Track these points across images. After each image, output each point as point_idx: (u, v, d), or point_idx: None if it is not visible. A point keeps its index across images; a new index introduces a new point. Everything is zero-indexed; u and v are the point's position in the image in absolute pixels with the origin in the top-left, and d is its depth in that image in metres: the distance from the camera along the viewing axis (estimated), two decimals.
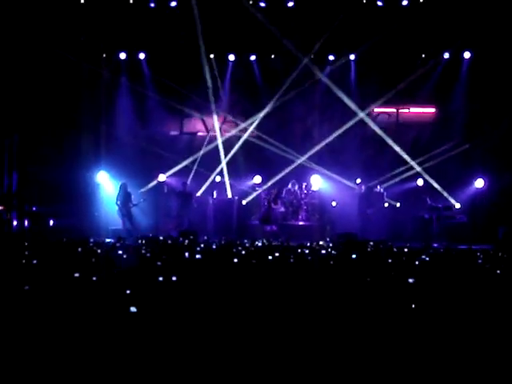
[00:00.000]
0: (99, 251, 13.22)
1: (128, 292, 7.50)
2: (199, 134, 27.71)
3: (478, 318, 6.73)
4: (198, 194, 25.99)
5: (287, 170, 26.04)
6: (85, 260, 11.50)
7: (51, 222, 24.77)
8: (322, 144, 26.10)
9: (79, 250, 13.53)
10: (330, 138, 26.09)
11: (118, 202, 24.13)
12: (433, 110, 26.80)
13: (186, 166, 26.38)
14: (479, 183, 24.97)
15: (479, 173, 25.06)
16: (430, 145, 25.70)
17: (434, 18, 24.22)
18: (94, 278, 8.67)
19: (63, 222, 24.16)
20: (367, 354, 5.79)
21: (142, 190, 25.63)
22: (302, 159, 26.05)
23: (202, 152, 26.57)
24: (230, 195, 26.40)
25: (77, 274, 8.82)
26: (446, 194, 25.03)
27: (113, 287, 7.99)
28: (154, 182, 26.16)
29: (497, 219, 23.89)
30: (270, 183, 25.65)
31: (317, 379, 5.47)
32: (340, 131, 26.13)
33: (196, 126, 27.84)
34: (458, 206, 24.81)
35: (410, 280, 8.53)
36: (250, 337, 6.17)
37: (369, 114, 26.24)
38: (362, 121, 26.18)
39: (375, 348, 5.94)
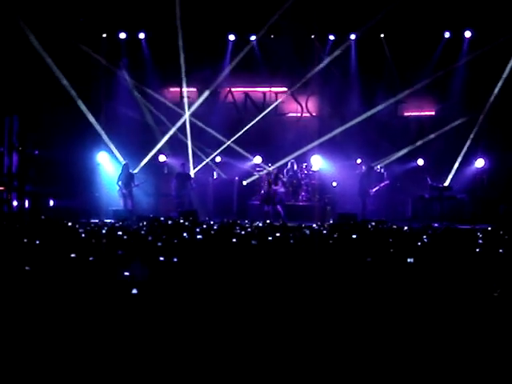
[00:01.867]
0: (101, 232, 13.23)
1: (128, 274, 7.50)
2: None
3: (478, 297, 6.73)
4: (193, 173, 25.87)
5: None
6: (86, 241, 11.51)
7: (51, 203, 24.80)
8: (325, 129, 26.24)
9: (80, 230, 13.55)
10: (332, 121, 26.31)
11: (120, 183, 24.09)
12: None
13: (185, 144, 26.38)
14: (479, 163, 24.92)
15: (479, 152, 24.99)
16: (432, 127, 25.70)
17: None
18: (93, 259, 8.68)
19: (63, 203, 24.18)
20: (369, 338, 5.79)
21: (135, 171, 25.46)
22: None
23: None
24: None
25: (73, 255, 8.82)
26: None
27: (113, 268, 7.99)
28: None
29: (498, 198, 23.92)
30: (273, 166, 25.49)
31: (318, 367, 5.47)
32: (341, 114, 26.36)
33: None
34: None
35: (409, 260, 8.53)
36: (250, 320, 6.17)
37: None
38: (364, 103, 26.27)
39: (376, 331, 5.93)
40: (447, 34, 25.68)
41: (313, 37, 26.31)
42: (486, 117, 25.23)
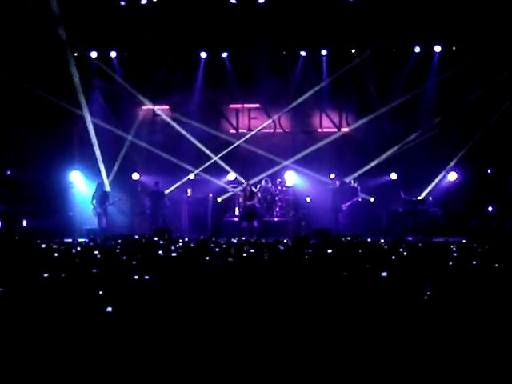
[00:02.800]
0: (73, 251, 13.16)
1: (101, 292, 7.46)
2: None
3: (454, 308, 6.76)
4: (168, 191, 25.83)
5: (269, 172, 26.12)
6: (60, 260, 11.44)
7: (24, 223, 24.67)
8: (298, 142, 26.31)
9: (54, 249, 13.47)
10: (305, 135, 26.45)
11: (94, 201, 24.00)
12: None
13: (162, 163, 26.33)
14: (452, 176, 25.08)
15: (452, 166, 25.14)
16: (403, 137, 25.83)
17: (405, 12, 24.33)
18: (66, 278, 8.64)
19: (37, 223, 24.06)
20: (345, 352, 5.80)
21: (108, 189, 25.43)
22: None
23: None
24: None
25: (46, 275, 8.77)
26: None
27: (88, 287, 7.95)
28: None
29: (470, 211, 24.09)
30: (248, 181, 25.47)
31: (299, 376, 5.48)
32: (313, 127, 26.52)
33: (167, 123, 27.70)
34: (430, 198, 24.89)
35: (383, 274, 8.55)
36: (227, 335, 6.16)
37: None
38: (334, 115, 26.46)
39: (353, 342, 5.95)
40: (417, 49, 25.87)
41: (284, 53, 26.40)
42: (458, 129, 25.45)
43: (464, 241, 17.57)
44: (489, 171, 25.15)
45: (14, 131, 24.90)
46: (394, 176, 25.42)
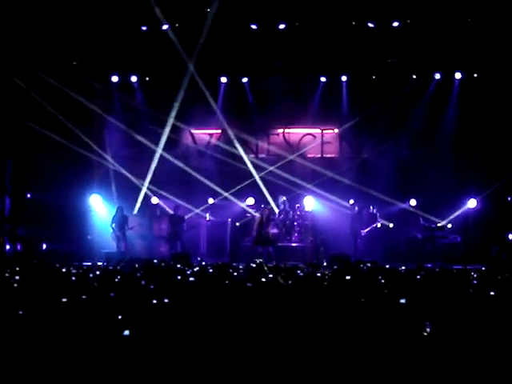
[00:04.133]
0: (91, 275, 13.18)
1: (120, 317, 7.47)
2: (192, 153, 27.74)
3: (472, 338, 6.72)
4: (188, 216, 25.86)
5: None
6: (78, 284, 11.47)
7: (44, 246, 24.76)
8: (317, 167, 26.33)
9: (73, 273, 13.51)
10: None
11: (113, 225, 24.05)
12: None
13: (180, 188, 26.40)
14: (472, 203, 24.95)
15: (472, 193, 25.03)
16: (423, 165, 25.77)
17: (425, 38, 24.39)
18: (84, 301, 8.65)
19: (56, 246, 24.12)
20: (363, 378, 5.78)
21: (134, 212, 25.58)
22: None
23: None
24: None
25: (65, 299, 8.78)
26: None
27: (106, 311, 7.96)
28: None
29: (490, 239, 23.94)
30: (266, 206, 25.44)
31: None
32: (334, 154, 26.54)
33: (189, 146, 27.88)
34: (449, 225, 24.76)
35: (402, 300, 8.51)
36: (245, 359, 6.14)
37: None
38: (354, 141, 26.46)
39: (369, 370, 5.92)
40: (438, 76, 25.91)
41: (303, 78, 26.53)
42: (478, 157, 25.39)
43: (484, 268, 17.46)
44: (509, 198, 25.01)
45: (35, 155, 25.05)
46: (413, 202, 25.32)
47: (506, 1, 23.28)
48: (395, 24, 24.74)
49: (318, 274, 14.22)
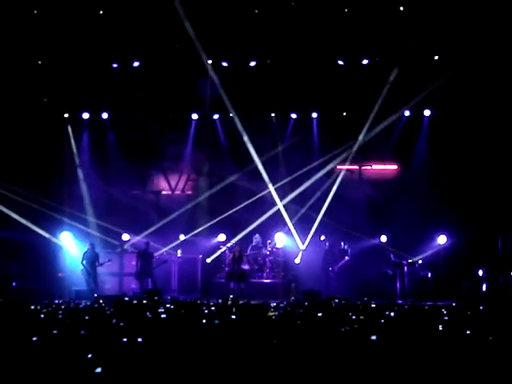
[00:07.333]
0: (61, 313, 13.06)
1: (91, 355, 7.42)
2: (163, 192, 27.91)
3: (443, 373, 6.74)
4: (159, 252, 25.78)
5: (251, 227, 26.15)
6: (48, 322, 11.36)
7: (13, 284, 24.51)
8: (286, 200, 26.33)
9: (42, 312, 13.38)
10: (293, 194, 26.41)
11: (84, 262, 23.87)
12: (395, 166, 27.14)
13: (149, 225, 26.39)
14: (442, 239, 25.06)
15: (442, 229, 25.16)
16: (393, 201, 25.92)
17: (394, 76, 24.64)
18: (54, 339, 8.58)
19: (26, 284, 23.91)
20: None
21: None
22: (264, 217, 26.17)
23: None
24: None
25: (35, 338, 8.69)
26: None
27: (77, 349, 7.90)
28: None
29: (460, 274, 24.06)
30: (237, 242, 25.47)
31: None
32: (302, 188, 26.50)
33: (160, 184, 28.02)
34: (420, 261, 24.85)
35: (373, 337, 8.51)
36: None
37: (332, 171, 26.46)
38: (325, 177, 26.45)
39: None
40: (407, 113, 26.18)
41: (273, 115, 26.65)
42: (448, 193, 25.56)
43: (454, 304, 17.53)
44: (479, 234, 25.17)
45: (3, 193, 24.89)
46: (383, 238, 25.41)
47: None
48: (364, 62, 25.00)
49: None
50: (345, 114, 26.44)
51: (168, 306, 15.64)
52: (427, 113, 26.13)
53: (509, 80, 24.09)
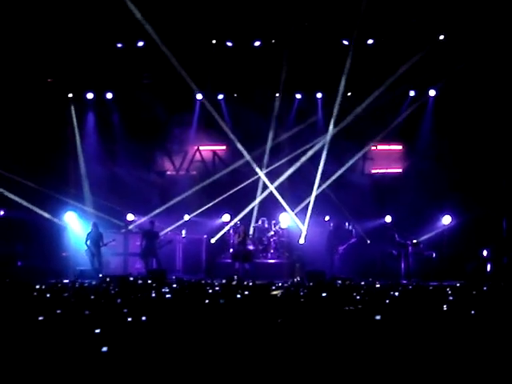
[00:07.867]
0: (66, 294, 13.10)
1: (97, 332, 7.43)
2: (168, 172, 27.92)
3: (447, 353, 6.74)
4: (163, 232, 25.78)
5: (256, 207, 26.18)
6: (53, 302, 11.39)
7: (19, 263, 24.56)
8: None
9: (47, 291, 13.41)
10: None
11: (88, 242, 23.87)
12: (400, 147, 27.10)
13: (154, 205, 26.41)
14: (446, 220, 25.03)
15: (446, 209, 25.12)
16: (398, 181, 25.95)
17: (400, 56, 24.56)
18: (59, 319, 8.60)
19: (31, 263, 23.96)
20: None
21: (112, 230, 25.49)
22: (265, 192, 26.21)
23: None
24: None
25: (41, 318, 8.71)
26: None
27: (82, 328, 7.91)
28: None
29: (464, 255, 24.07)
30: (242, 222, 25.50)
31: None
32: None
33: (164, 164, 28.02)
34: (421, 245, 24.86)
35: (377, 317, 8.52)
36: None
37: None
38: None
39: None
40: (412, 93, 26.11)
41: (277, 95, 26.49)
42: (452, 174, 25.51)
43: (458, 284, 17.54)
44: (483, 215, 25.14)
45: (7, 172, 24.88)
46: (388, 219, 25.37)
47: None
48: (370, 41, 24.91)
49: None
50: (349, 94, 26.30)
51: (174, 286, 15.70)
52: (432, 93, 26.03)
53: None
